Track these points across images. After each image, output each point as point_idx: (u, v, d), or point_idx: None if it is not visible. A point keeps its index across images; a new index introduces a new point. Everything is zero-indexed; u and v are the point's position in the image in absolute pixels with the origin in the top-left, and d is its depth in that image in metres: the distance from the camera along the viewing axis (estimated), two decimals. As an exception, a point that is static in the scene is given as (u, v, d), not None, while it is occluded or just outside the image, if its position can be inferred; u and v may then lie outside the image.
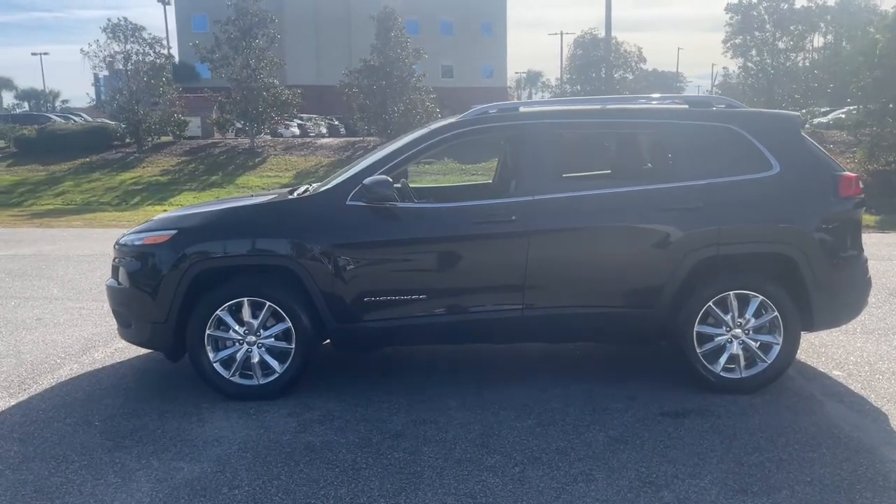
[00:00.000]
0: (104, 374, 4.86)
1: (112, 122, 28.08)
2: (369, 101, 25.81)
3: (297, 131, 34.33)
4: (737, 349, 4.33)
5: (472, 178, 18.65)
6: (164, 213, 5.21)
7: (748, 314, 4.30)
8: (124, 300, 4.49)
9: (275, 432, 3.88)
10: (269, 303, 4.26)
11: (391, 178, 4.31)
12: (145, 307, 4.36)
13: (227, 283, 4.31)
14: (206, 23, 45.67)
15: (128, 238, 4.55)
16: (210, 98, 26.97)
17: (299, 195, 4.62)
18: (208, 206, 4.85)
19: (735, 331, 4.32)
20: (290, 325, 4.27)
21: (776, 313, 4.28)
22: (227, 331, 4.31)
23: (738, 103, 4.73)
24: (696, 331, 4.32)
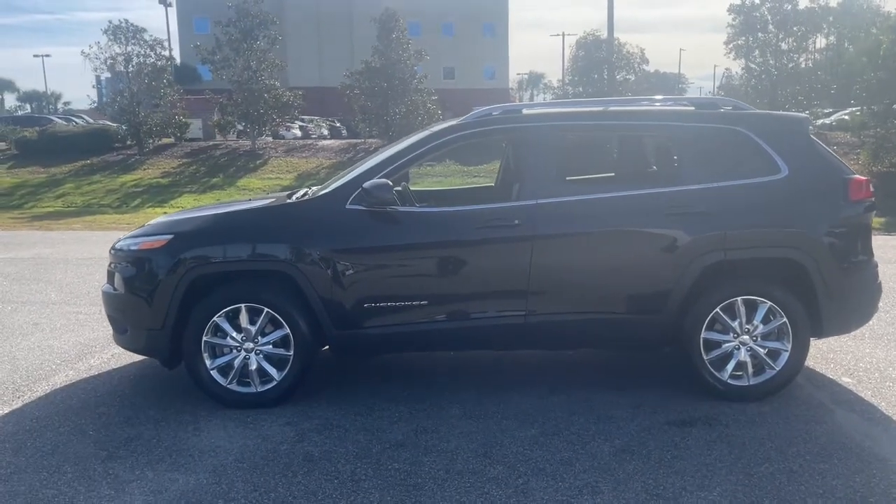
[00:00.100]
0: (100, 381, 4.78)
1: (113, 124, 28.05)
2: (371, 103, 25.77)
3: (298, 133, 34.28)
4: (744, 356, 4.23)
5: (475, 179, 18.58)
6: (161, 216, 5.13)
7: (756, 320, 4.21)
8: (120, 306, 4.41)
9: (272, 442, 3.80)
10: (268, 309, 4.18)
11: (392, 182, 4.23)
12: (141, 313, 4.27)
13: (225, 288, 4.23)
14: (207, 25, 45.63)
15: (123, 243, 4.47)
16: (211, 100, 26.94)
17: (298, 199, 4.54)
18: (205, 211, 4.77)
19: (743, 337, 4.23)
20: (289, 331, 4.19)
21: (785, 319, 4.20)
22: (224, 337, 4.23)
23: (745, 105, 4.64)
24: (703, 337, 4.23)
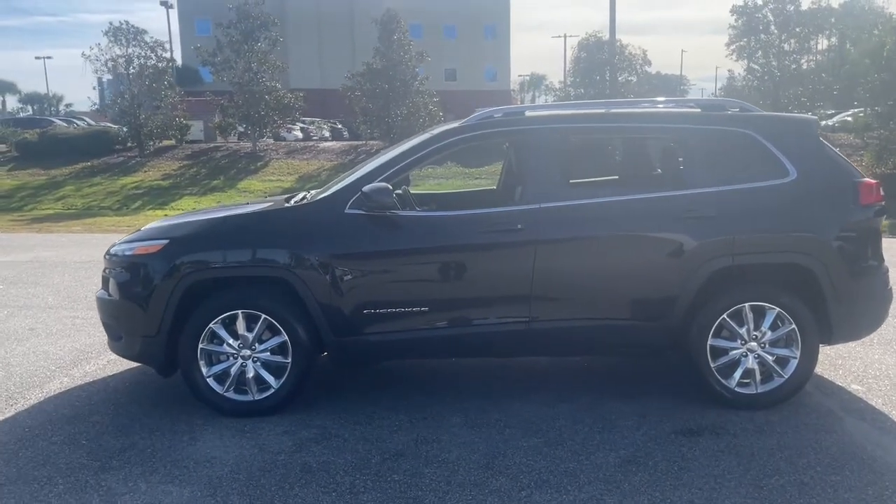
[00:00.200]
0: (94, 389, 4.69)
1: (114, 126, 28.01)
2: (372, 105, 25.71)
3: (299, 135, 34.22)
4: (752, 363, 4.14)
5: (477, 182, 18.49)
6: (157, 221, 5.04)
7: (764, 327, 4.12)
8: (114, 312, 4.33)
9: (270, 452, 3.71)
10: (265, 315, 4.09)
11: (392, 185, 4.14)
12: (136, 320, 4.19)
13: (221, 294, 4.14)
14: (208, 26, 45.53)
15: (118, 248, 4.39)
16: (212, 102, 26.88)
17: (296, 203, 4.45)
18: (201, 215, 4.68)
19: (750, 344, 4.13)
20: (287, 338, 4.10)
21: (793, 326, 4.10)
22: (220, 344, 4.14)
23: (753, 107, 4.55)
24: (710, 344, 4.14)
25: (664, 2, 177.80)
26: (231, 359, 4.14)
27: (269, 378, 4.15)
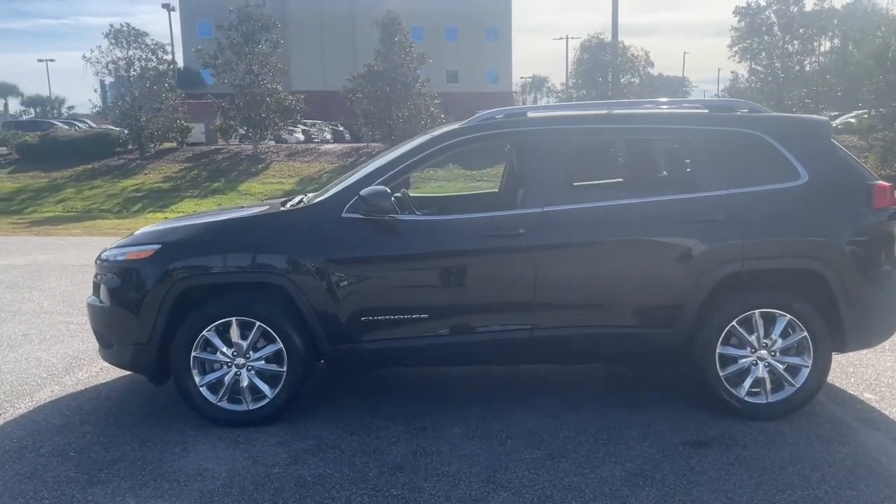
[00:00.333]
0: (86, 397, 4.57)
1: (116, 128, 27.90)
2: (373, 107, 25.55)
3: (301, 137, 34.10)
4: (762, 372, 4.01)
5: (478, 185, 18.37)
6: (152, 224, 4.92)
7: (775, 334, 3.99)
8: (105, 319, 4.21)
9: (263, 465, 3.58)
10: (260, 322, 3.97)
11: (390, 189, 4.02)
12: (127, 327, 4.07)
13: (215, 301, 4.03)
14: (210, 29, 45.42)
15: (109, 253, 4.27)
16: (213, 104, 26.76)
17: (292, 206, 4.33)
18: (195, 219, 4.56)
19: (760, 352, 4.01)
20: (282, 346, 3.98)
21: (805, 333, 3.97)
22: (214, 352, 4.02)
23: (763, 107, 4.43)
24: (719, 352, 4.01)
25: (665, 4, 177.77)
26: (225, 367, 4.02)
27: (264, 387, 4.03)
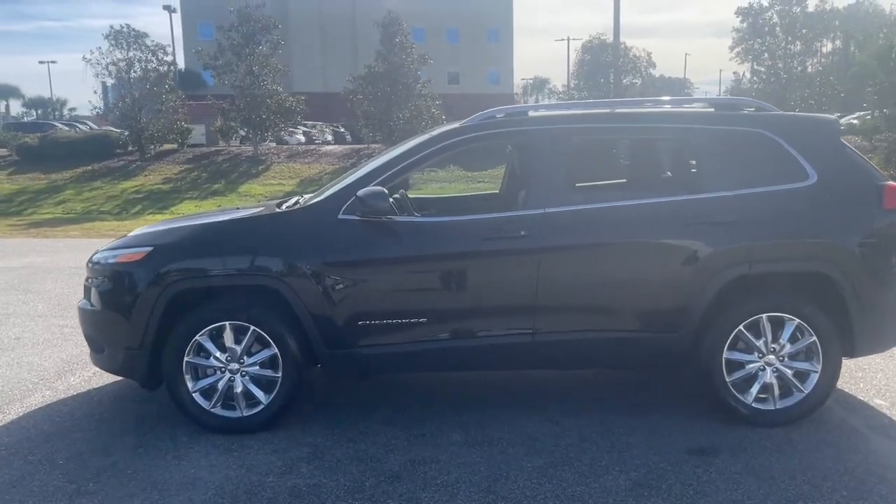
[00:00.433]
0: (77, 403, 4.47)
1: (116, 130, 27.83)
2: (374, 108, 25.45)
3: (302, 138, 34.04)
4: (770, 377, 3.90)
5: (478, 186, 18.27)
6: (145, 226, 4.81)
7: (783, 339, 3.89)
8: (96, 323, 4.12)
9: (257, 473, 3.48)
10: (254, 327, 3.87)
11: (388, 189, 3.92)
12: (118, 331, 3.97)
13: (208, 305, 3.93)
14: (211, 30, 45.39)
15: (101, 255, 4.18)
16: (214, 105, 26.68)
17: (288, 208, 4.23)
18: (188, 221, 4.46)
19: (768, 357, 3.90)
20: (277, 351, 3.88)
21: (814, 338, 3.87)
22: (207, 357, 3.92)
23: (770, 106, 4.32)
24: (725, 357, 3.90)
25: (666, 5, 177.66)
26: (218, 373, 3.92)
27: (259, 393, 3.93)
